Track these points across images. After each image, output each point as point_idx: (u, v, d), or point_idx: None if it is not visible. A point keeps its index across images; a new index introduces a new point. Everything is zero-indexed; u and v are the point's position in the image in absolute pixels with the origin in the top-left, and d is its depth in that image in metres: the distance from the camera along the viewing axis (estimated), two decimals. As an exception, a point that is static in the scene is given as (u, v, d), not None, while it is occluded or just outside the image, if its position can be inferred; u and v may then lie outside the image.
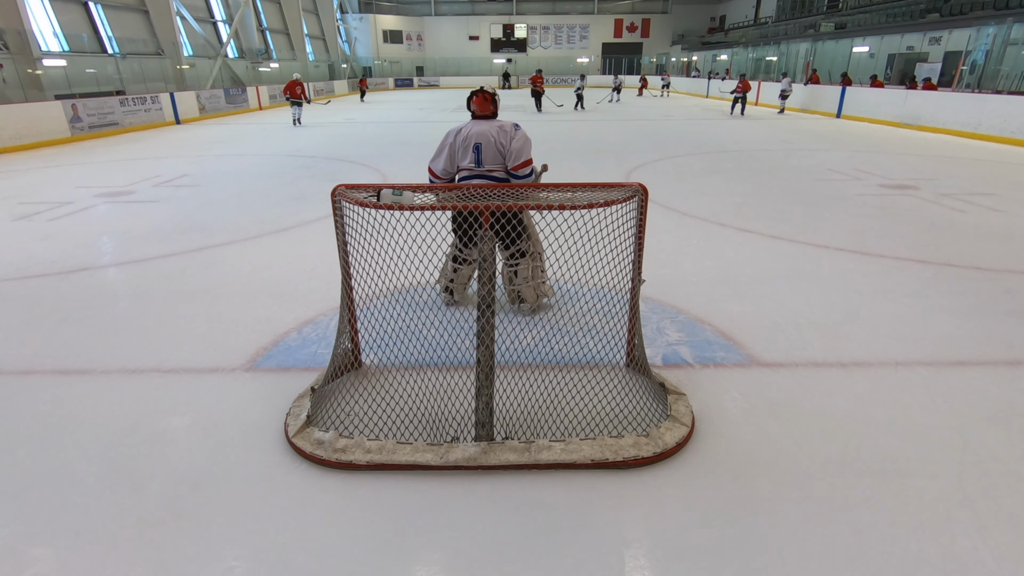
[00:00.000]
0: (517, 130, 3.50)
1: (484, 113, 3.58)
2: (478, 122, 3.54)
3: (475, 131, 3.48)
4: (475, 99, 3.61)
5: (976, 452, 2.40)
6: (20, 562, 1.90)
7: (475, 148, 3.45)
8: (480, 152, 3.45)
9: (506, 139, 3.44)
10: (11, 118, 11.62)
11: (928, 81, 16.29)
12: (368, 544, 1.97)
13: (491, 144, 3.44)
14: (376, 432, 2.47)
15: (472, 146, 3.46)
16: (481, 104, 3.58)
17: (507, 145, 3.43)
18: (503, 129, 3.46)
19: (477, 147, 3.45)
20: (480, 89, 3.65)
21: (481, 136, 3.45)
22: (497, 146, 3.44)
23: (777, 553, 1.91)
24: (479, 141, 3.45)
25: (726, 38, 38.19)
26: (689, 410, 2.60)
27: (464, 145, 3.49)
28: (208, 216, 6.32)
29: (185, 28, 22.05)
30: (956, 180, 8.01)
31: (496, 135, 3.45)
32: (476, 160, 3.47)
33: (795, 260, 4.81)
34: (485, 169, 3.48)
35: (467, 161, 3.49)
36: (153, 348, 3.33)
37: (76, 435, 2.54)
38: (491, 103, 3.62)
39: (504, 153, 3.45)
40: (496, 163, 3.47)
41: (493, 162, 3.47)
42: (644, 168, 9.06)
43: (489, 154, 3.45)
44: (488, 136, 3.44)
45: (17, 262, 4.87)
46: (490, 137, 3.44)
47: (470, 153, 3.47)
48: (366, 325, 3.16)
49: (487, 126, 3.48)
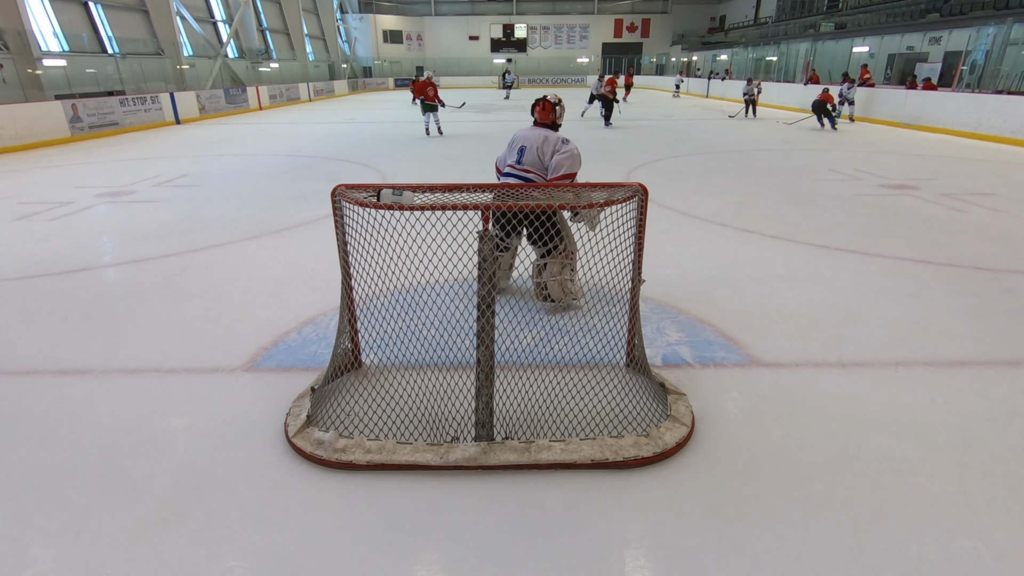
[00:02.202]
0: (565, 144, 3.56)
1: (544, 121, 3.73)
2: (534, 128, 3.71)
3: (525, 134, 3.65)
4: (537, 106, 3.77)
5: (976, 452, 2.40)
6: (20, 562, 1.90)
7: (520, 150, 3.62)
8: (523, 154, 3.60)
9: (548, 149, 3.54)
10: (11, 118, 11.62)
11: (928, 81, 16.29)
12: (368, 544, 1.97)
13: (533, 149, 3.57)
14: (376, 432, 2.47)
15: (518, 148, 3.63)
16: (541, 112, 3.74)
17: (548, 155, 3.54)
18: (548, 139, 3.57)
19: (522, 149, 3.62)
20: (544, 97, 3.79)
21: (527, 140, 3.62)
22: (539, 153, 3.56)
23: (777, 553, 1.91)
24: (524, 144, 3.62)
25: (726, 38, 38.18)
26: (689, 410, 2.60)
27: (513, 146, 3.68)
28: (208, 216, 6.32)
29: (185, 28, 22.04)
30: (956, 180, 8.01)
31: (540, 143, 3.56)
32: (518, 160, 3.61)
33: (795, 260, 4.81)
34: (521, 168, 3.60)
35: (512, 159, 3.66)
36: (153, 348, 3.33)
37: (76, 435, 2.54)
38: (551, 112, 3.73)
39: (544, 161, 3.55)
40: (535, 167, 3.58)
41: (532, 165, 3.58)
42: (644, 168, 9.06)
43: (529, 157, 3.58)
44: (533, 141, 3.58)
45: (17, 262, 4.87)
46: (534, 142, 3.58)
47: (515, 153, 3.64)
48: (366, 325, 3.16)
49: (537, 132, 3.64)
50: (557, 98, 3.79)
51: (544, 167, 3.56)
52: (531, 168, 3.58)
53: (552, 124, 3.74)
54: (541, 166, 3.57)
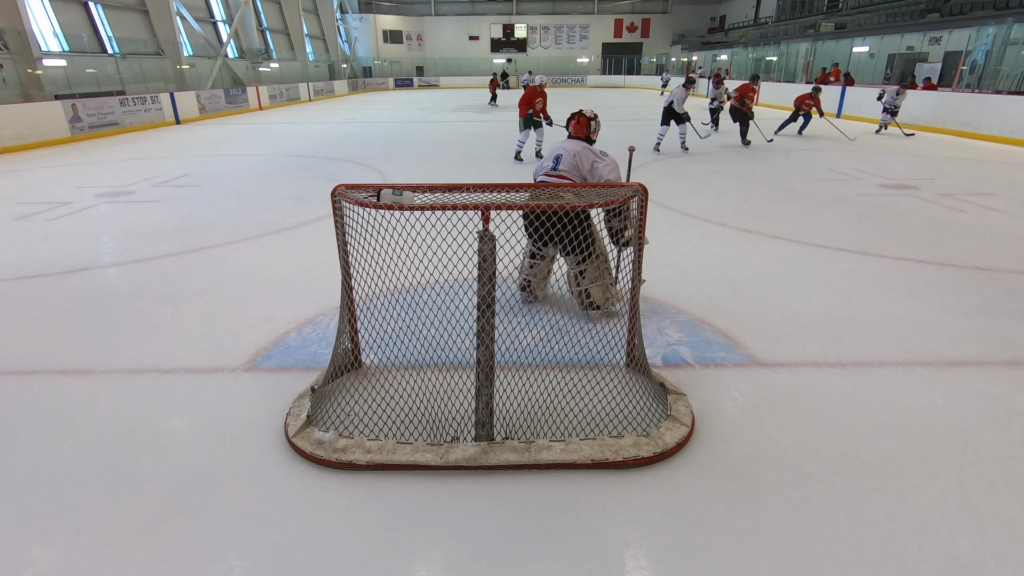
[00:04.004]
0: (604, 155, 3.54)
1: (578, 135, 3.71)
2: (570, 139, 3.68)
3: (562, 144, 3.63)
4: (572, 120, 3.76)
5: (976, 452, 2.40)
6: (20, 562, 1.90)
7: (556, 157, 3.58)
8: (559, 161, 3.56)
9: (587, 158, 3.51)
10: (11, 118, 11.61)
11: (928, 81, 16.29)
12: (368, 544, 1.97)
13: (570, 156, 3.53)
14: (376, 432, 2.47)
15: (554, 155, 3.60)
16: (576, 126, 3.73)
17: (586, 164, 3.50)
18: (586, 149, 3.55)
19: (558, 157, 3.58)
20: (579, 111, 3.77)
21: (563, 149, 3.59)
22: (576, 159, 3.52)
23: (777, 553, 1.91)
24: (561, 152, 3.58)
25: (726, 38, 38.17)
26: (689, 410, 2.60)
27: (549, 155, 3.64)
28: (208, 216, 6.32)
29: (185, 28, 22.03)
30: (956, 180, 8.01)
31: (578, 151, 3.53)
32: (553, 166, 3.57)
33: (795, 260, 4.81)
34: (556, 174, 3.54)
35: (548, 167, 3.60)
36: (153, 348, 3.33)
37: (76, 435, 2.54)
38: (586, 126, 3.71)
39: (581, 169, 3.51)
40: (572, 173, 3.51)
41: (569, 171, 3.52)
42: (644, 168, 9.05)
43: (566, 164, 3.53)
44: (570, 150, 3.55)
45: (17, 262, 4.87)
46: (570, 151, 3.55)
47: (551, 161, 3.60)
48: (366, 325, 3.16)
49: (574, 143, 3.60)
50: (593, 112, 3.76)
51: (581, 175, 3.51)
52: (567, 174, 3.52)
53: (586, 139, 3.70)
54: (578, 174, 3.51)
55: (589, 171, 3.50)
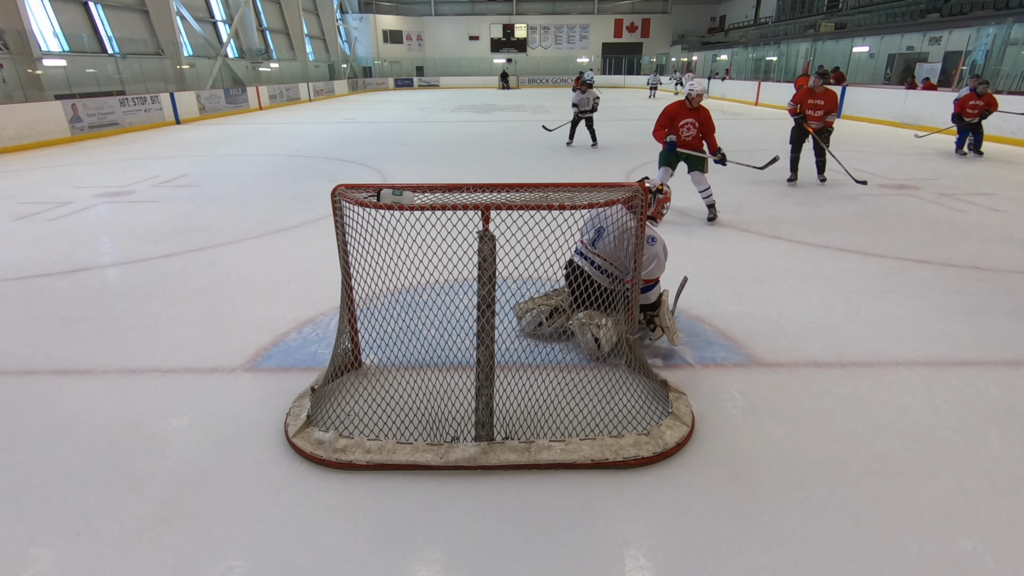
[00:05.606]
0: (651, 243, 3.01)
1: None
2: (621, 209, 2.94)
3: (609, 213, 3.00)
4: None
5: (976, 452, 2.40)
6: (20, 562, 1.90)
7: (598, 230, 3.12)
8: (600, 236, 3.11)
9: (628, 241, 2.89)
10: (11, 118, 11.61)
11: (928, 81, 16.29)
12: (368, 544, 1.97)
13: (611, 237, 3.01)
14: (376, 432, 2.47)
15: (596, 227, 3.12)
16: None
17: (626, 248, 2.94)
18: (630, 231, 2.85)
19: (600, 230, 3.11)
20: (644, 179, 3.21)
21: (607, 220, 3.02)
22: (616, 243, 3.00)
23: (777, 553, 1.91)
24: (603, 225, 3.07)
25: (726, 38, 38.19)
26: (689, 410, 2.60)
27: (591, 219, 3.14)
28: (208, 216, 6.32)
29: (185, 28, 22.03)
30: (956, 180, 8.01)
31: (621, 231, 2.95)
32: (592, 241, 3.15)
33: (795, 260, 4.81)
34: (594, 252, 3.14)
35: (587, 237, 3.22)
36: (153, 348, 3.33)
37: (76, 435, 2.54)
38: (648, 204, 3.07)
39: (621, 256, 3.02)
40: (612, 259, 3.08)
41: (608, 256, 3.09)
42: (644, 168, 9.05)
43: (605, 246, 3.08)
44: (613, 225, 2.96)
45: (17, 262, 4.87)
46: (614, 228, 2.96)
47: (591, 231, 3.17)
48: (366, 325, 3.15)
49: (622, 216, 2.93)
50: (658, 185, 3.14)
51: (623, 264, 2.96)
52: (606, 258, 3.07)
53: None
54: (619, 261, 3.01)
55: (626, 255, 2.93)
